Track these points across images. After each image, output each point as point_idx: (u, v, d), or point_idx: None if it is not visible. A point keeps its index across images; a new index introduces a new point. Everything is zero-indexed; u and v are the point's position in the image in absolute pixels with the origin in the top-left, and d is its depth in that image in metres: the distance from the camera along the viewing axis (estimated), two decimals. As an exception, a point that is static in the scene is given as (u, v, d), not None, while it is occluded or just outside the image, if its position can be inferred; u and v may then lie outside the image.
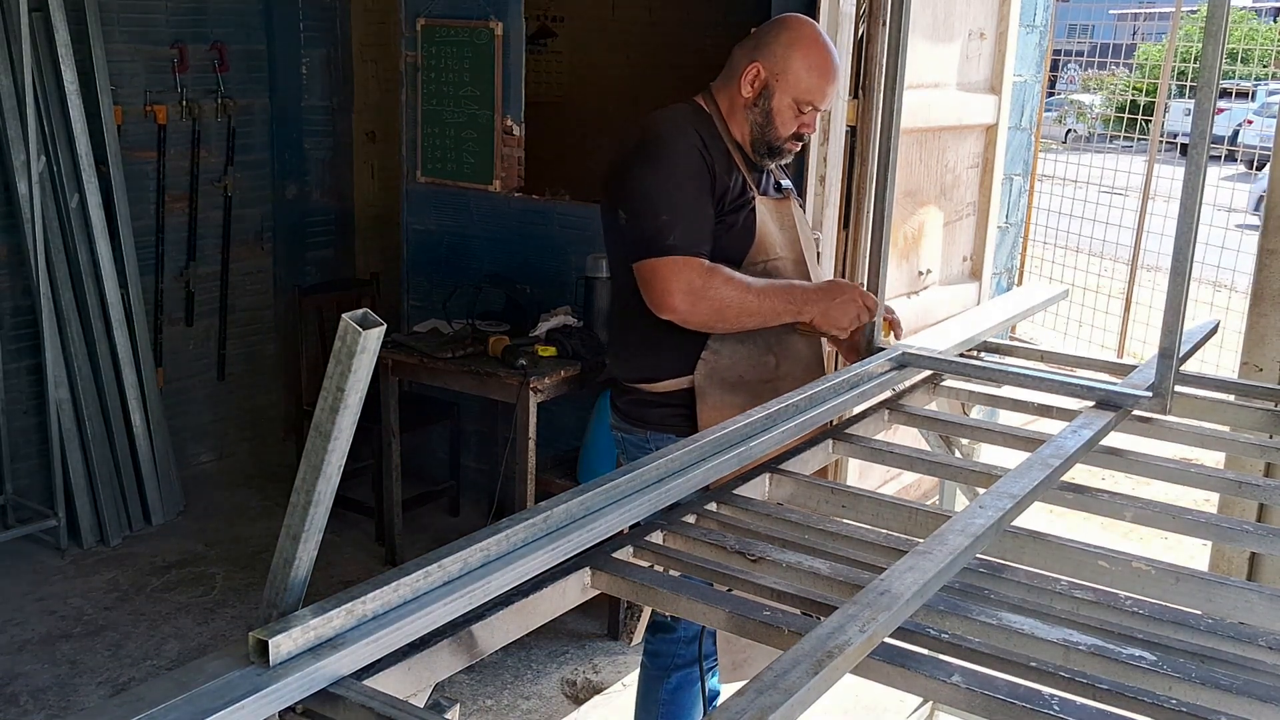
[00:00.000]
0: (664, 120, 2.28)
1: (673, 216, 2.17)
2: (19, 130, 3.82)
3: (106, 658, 3.41)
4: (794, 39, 2.28)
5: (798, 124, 2.31)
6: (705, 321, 2.21)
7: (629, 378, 2.38)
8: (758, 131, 2.31)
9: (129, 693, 1.02)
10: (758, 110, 2.30)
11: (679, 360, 2.30)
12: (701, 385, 2.29)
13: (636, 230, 2.20)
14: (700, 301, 2.16)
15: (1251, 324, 2.57)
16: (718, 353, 2.29)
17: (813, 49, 2.28)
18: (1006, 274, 5.05)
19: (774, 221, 2.36)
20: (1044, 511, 3.89)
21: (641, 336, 2.34)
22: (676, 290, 2.16)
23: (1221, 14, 1.77)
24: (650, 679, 2.51)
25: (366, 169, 5.22)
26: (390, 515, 4.01)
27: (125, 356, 4.16)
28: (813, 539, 1.59)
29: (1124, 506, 1.74)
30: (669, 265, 2.16)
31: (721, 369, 2.29)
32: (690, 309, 2.17)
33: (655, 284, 2.18)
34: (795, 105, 2.29)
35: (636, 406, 2.37)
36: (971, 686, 1.20)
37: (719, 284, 2.17)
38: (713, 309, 2.18)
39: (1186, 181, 1.86)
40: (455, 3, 4.17)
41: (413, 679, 1.24)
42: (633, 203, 2.22)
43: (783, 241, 2.37)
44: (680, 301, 2.16)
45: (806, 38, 2.29)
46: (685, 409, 2.31)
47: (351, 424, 1.10)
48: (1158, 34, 12.62)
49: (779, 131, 2.31)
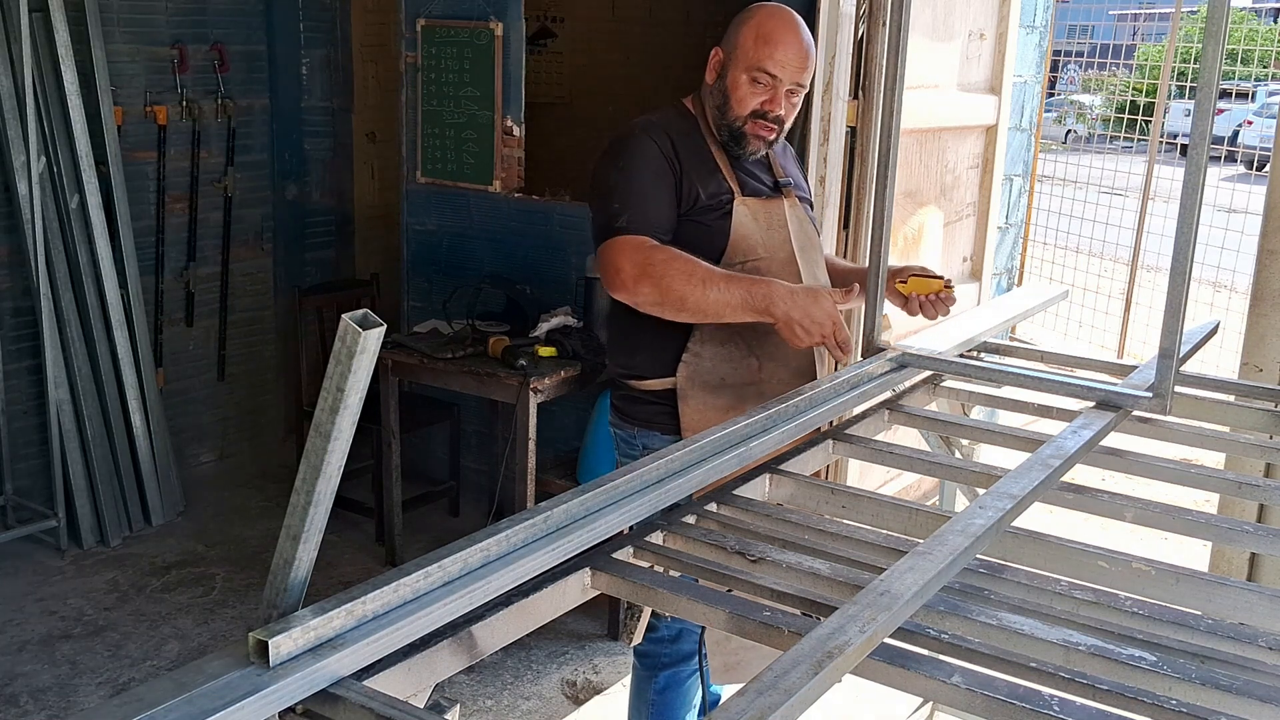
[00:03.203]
0: (636, 124, 2.30)
1: (622, 204, 2.19)
2: (19, 131, 3.82)
3: (106, 658, 3.41)
4: (747, 16, 2.27)
5: (757, 100, 2.25)
6: (651, 300, 2.15)
7: (620, 374, 2.39)
8: (718, 115, 2.29)
9: (129, 693, 1.02)
10: (717, 92, 2.29)
11: (661, 360, 2.30)
12: (683, 387, 2.27)
13: (595, 223, 2.24)
14: (643, 279, 2.13)
15: (1251, 324, 2.57)
16: (698, 355, 2.27)
17: (764, 20, 2.25)
18: (1006, 274, 5.05)
19: (757, 222, 2.31)
20: (1044, 512, 3.89)
21: (626, 335, 2.35)
22: (625, 269, 2.14)
23: (1221, 14, 1.77)
24: (640, 680, 2.51)
25: (366, 169, 5.22)
26: (390, 516, 4.01)
27: (125, 357, 4.16)
28: (812, 539, 1.59)
29: (1124, 507, 1.74)
30: (616, 245, 2.17)
31: (703, 371, 2.27)
32: (634, 286, 2.14)
33: (605, 265, 2.19)
34: (749, 77, 2.23)
35: (628, 403, 2.38)
36: (971, 687, 1.20)
37: (662, 261, 2.13)
38: (656, 288, 2.13)
39: (1186, 182, 1.86)
40: (455, 3, 4.17)
41: (413, 679, 1.24)
42: (594, 198, 2.26)
43: (767, 242, 2.31)
44: (627, 280, 2.14)
45: (761, 11, 2.27)
46: (672, 407, 2.30)
47: (351, 424, 1.10)
48: (1158, 34, 12.62)
49: (735, 110, 2.26)
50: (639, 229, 2.17)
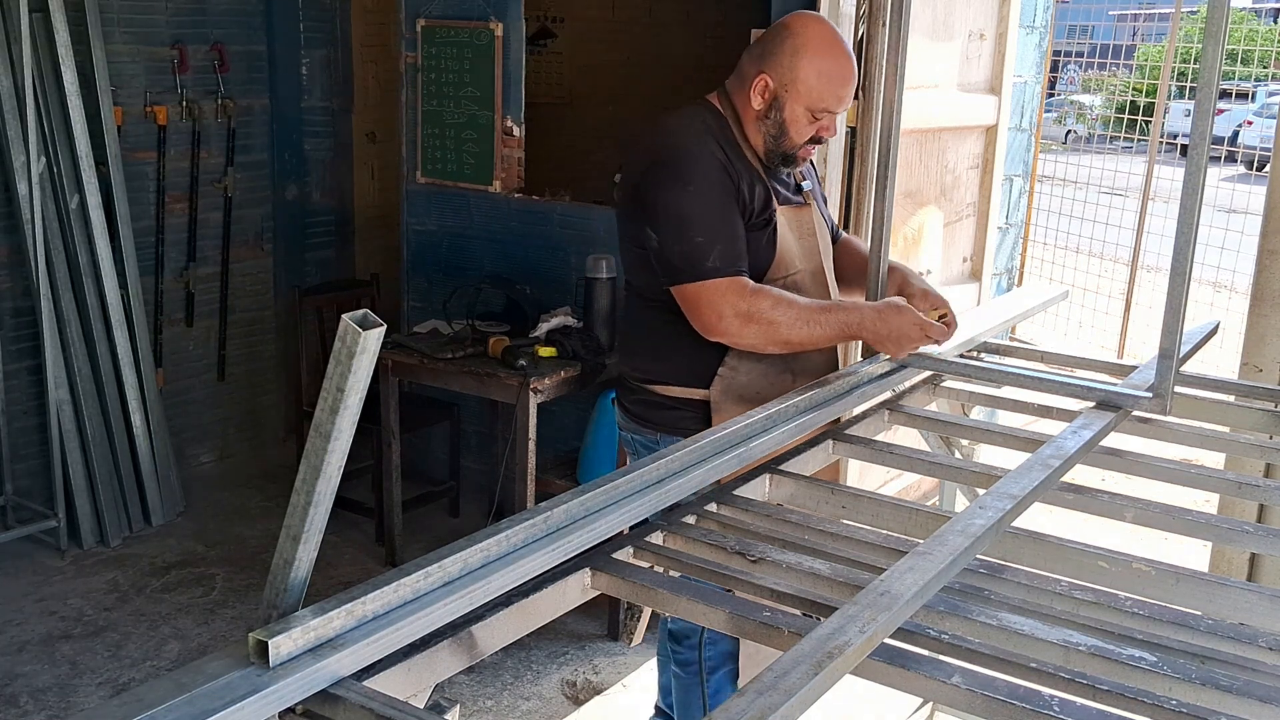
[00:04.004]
0: (684, 132, 2.21)
1: (708, 237, 2.12)
2: (19, 131, 3.82)
3: (106, 658, 3.41)
4: (800, 45, 2.17)
5: (815, 129, 2.22)
6: (754, 344, 2.16)
7: (639, 379, 2.35)
8: (772, 143, 2.23)
9: (129, 693, 1.02)
10: (770, 122, 2.21)
11: (693, 371, 2.27)
12: (717, 400, 2.24)
13: (671, 252, 2.15)
14: (749, 324, 2.12)
15: (1251, 324, 2.57)
16: (735, 369, 2.24)
17: (821, 52, 2.17)
18: (1006, 275, 5.05)
19: (793, 232, 2.30)
20: (1044, 512, 3.89)
21: (652, 342, 2.31)
22: (726, 314, 2.12)
23: (1221, 14, 1.77)
24: (687, 688, 2.47)
25: (366, 170, 5.22)
26: (390, 516, 4.01)
27: (125, 357, 4.16)
28: (813, 539, 1.59)
29: (1124, 507, 1.74)
30: (714, 289, 2.12)
31: (739, 385, 2.24)
32: (740, 331, 2.13)
33: (703, 308, 2.14)
34: (809, 113, 2.19)
35: (647, 408, 2.34)
36: (971, 687, 1.20)
37: (768, 307, 2.12)
38: (762, 332, 2.13)
39: (1186, 182, 1.86)
40: (455, 3, 4.17)
41: (413, 680, 1.24)
42: (663, 224, 2.15)
43: (800, 252, 2.31)
44: (730, 325, 2.12)
45: (814, 40, 2.18)
46: (696, 414, 2.27)
47: (351, 424, 1.10)
48: (1157, 35, 12.62)
49: (794, 140, 2.22)
50: (731, 267, 2.13)
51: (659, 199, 2.16)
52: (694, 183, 2.15)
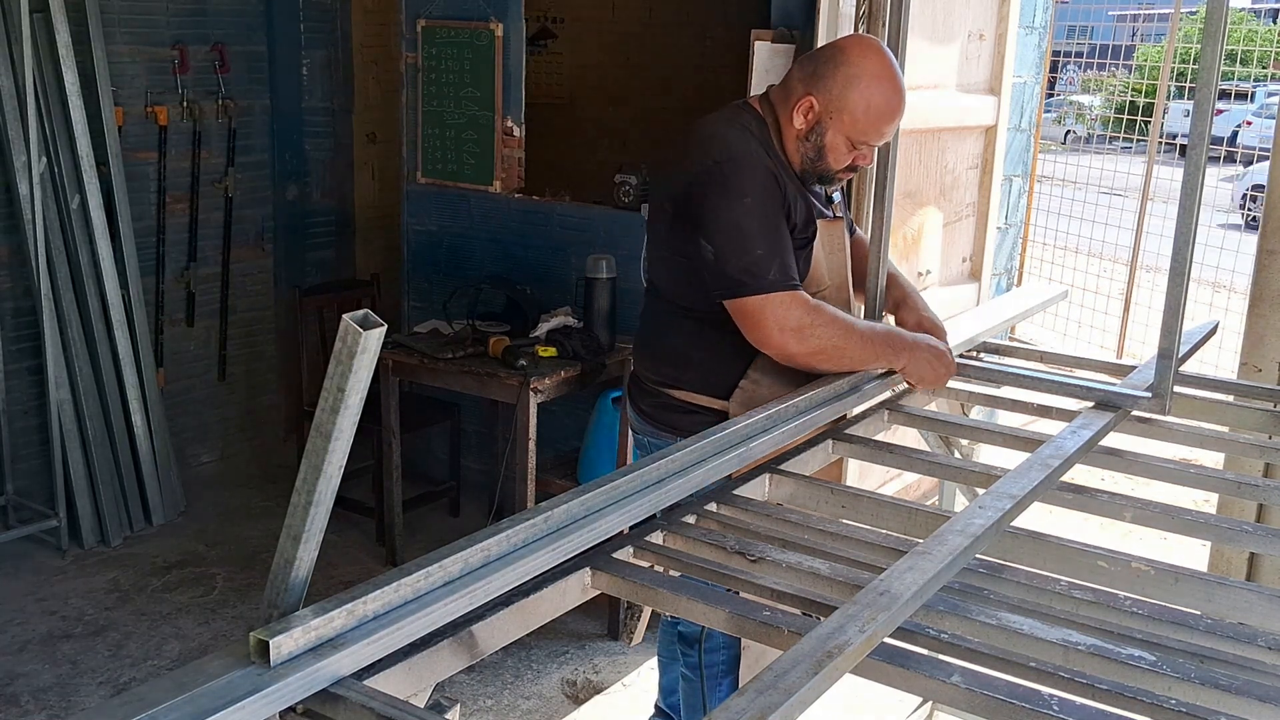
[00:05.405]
0: (733, 140, 2.18)
1: (766, 250, 2.10)
2: (20, 131, 3.83)
3: (107, 658, 3.41)
4: (853, 75, 2.12)
5: (852, 158, 2.20)
6: (805, 361, 2.13)
7: (658, 383, 2.33)
8: (809, 164, 2.21)
9: (130, 693, 1.03)
10: (809, 144, 2.18)
11: (715, 381, 2.26)
12: (735, 413, 2.22)
13: (730, 266, 2.11)
14: (805, 341, 2.10)
15: (1251, 324, 2.57)
16: (758, 383, 2.23)
17: (873, 86, 2.12)
18: (1006, 275, 5.05)
19: (824, 247, 2.28)
20: (1044, 512, 3.89)
21: (681, 350, 2.29)
22: (785, 328, 2.09)
23: (1221, 15, 1.77)
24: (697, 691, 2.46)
25: (367, 170, 5.22)
26: (391, 516, 4.01)
27: (126, 357, 4.16)
28: (812, 539, 1.59)
29: (1123, 507, 1.74)
30: (773, 303, 2.09)
31: (759, 398, 2.21)
32: (796, 347, 2.10)
33: (760, 322, 2.11)
34: (849, 141, 2.17)
35: (664, 411, 2.33)
36: (971, 686, 1.20)
37: (824, 324, 2.10)
38: (815, 349, 2.11)
39: (1186, 182, 1.86)
40: (455, 4, 4.18)
41: (413, 679, 1.24)
42: (721, 236, 2.11)
43: (829, 268, 2.30)
44: (786, 339, 2.10)
45: (868, 73, 2.12)
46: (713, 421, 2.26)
47: (352, 424, 1.10)
48: (1157, 35, 12.62)
49: (831, 166, 2.20)
50: (786, 281, 2.11)
51: (715, 210, 2.11)
52: (750, 194, 2.11)
